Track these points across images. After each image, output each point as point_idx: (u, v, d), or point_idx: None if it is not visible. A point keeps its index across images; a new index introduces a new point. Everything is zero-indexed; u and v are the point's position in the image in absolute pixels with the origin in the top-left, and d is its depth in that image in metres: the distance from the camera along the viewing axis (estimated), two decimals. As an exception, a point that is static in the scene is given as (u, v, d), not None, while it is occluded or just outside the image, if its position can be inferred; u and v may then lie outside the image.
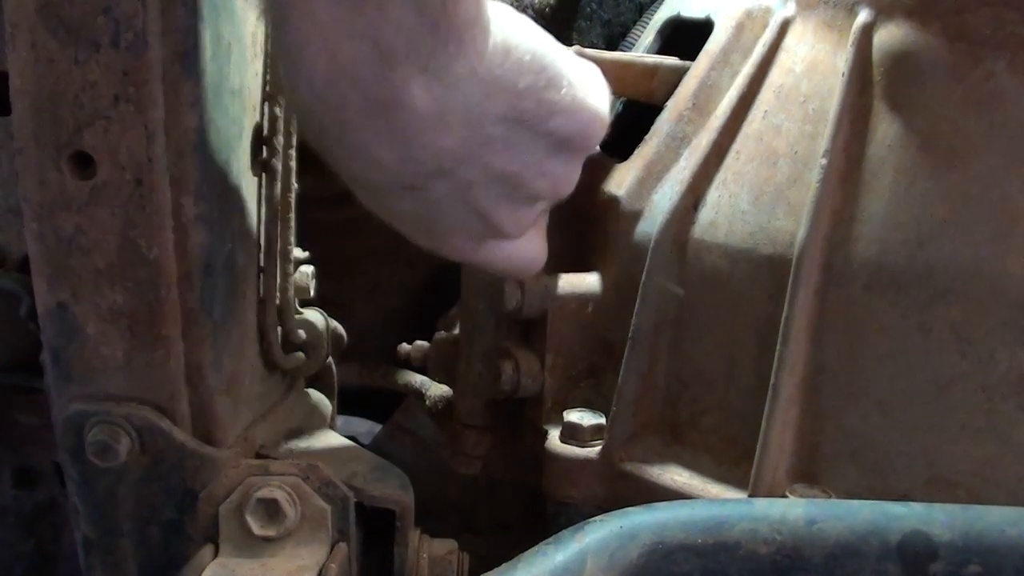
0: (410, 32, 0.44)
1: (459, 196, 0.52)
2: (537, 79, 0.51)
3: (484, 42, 0.47)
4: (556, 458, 0.70)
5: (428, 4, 0.44)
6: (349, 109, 0.46)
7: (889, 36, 0.62)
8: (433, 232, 0.55)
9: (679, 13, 0.83)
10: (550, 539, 0.52)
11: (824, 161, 0.61)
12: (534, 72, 0.50)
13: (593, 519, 0.53)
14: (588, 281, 0.74)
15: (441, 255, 0.58)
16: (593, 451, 0.69)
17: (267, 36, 0.60)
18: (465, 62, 0.46)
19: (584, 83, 0.54)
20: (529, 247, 0.61)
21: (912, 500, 0.56)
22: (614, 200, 0.73)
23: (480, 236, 0.56)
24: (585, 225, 0.76)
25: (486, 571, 0.52)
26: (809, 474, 0.62)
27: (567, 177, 0.56)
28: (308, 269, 0.70)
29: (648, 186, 0.72)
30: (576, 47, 0.70)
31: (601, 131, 0.56)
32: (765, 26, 0.71)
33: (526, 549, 0.53)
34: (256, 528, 0.57)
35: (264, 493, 0.57)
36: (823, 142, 0.62)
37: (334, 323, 0.74)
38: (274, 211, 0.62)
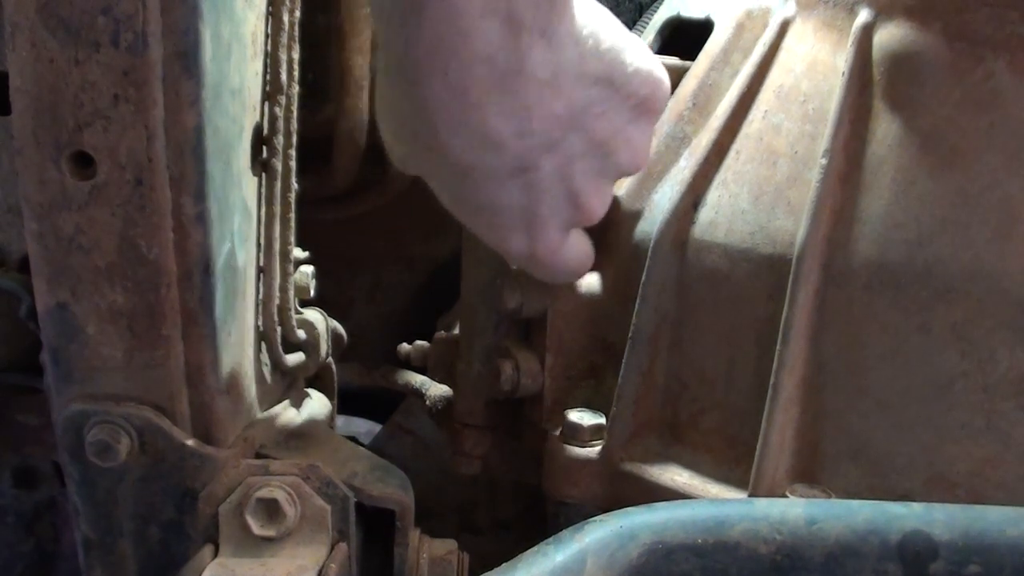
0: None
1: (561, 174, 0.56)
2: (613, 43, 0.55)
3: (574, 6, 0.51)
4: (556, 458, 0.70)
5: None
6: (478, 89, 0.49)
7: (889, 36, 0.62)
8: (531, 224, 0.58)
9: (679, 13, 0.83)
10: (550, 539, 0.52)
11: (824, 161, 0.61)
12: (609, 37, 0.54)
13: (593, 519, 0.53)
14: (588, 281, 0.74)
15: (527, 258, 0.60)
16: (593, 451, 0.69)
17: (267, 36, 0.60)
18: (566, 24, 0.51)
19: (646, 49, 0.58)
20: (591, 247, 0.66)
21: (912, 500, 0.56)
22: (614, 200, 0.73)
23: (569, 223, 0.60)
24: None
25: (486, 571, 0.52)
26: (809, 474, 0.62)
27: (644, 147, 0.60)
28: (308, 269, 0.70)
29: (648, 186, 0.72)
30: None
31: (668, 94, 0.60)
32: (765, 26, 0.71)
33: (526, 549, 0.53)
34: (256, 528, 0.57)
35: (264, 493, 0.57)
36: (823, 142, 0.62)
37: (334, 323, 0.74)
38: (274, 211, 0.62)
